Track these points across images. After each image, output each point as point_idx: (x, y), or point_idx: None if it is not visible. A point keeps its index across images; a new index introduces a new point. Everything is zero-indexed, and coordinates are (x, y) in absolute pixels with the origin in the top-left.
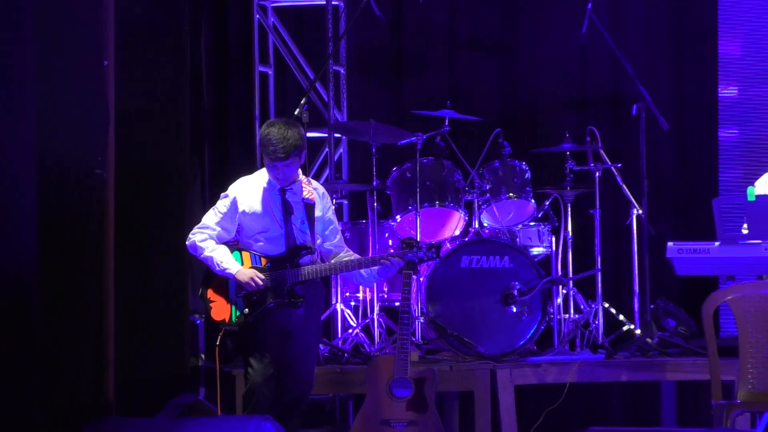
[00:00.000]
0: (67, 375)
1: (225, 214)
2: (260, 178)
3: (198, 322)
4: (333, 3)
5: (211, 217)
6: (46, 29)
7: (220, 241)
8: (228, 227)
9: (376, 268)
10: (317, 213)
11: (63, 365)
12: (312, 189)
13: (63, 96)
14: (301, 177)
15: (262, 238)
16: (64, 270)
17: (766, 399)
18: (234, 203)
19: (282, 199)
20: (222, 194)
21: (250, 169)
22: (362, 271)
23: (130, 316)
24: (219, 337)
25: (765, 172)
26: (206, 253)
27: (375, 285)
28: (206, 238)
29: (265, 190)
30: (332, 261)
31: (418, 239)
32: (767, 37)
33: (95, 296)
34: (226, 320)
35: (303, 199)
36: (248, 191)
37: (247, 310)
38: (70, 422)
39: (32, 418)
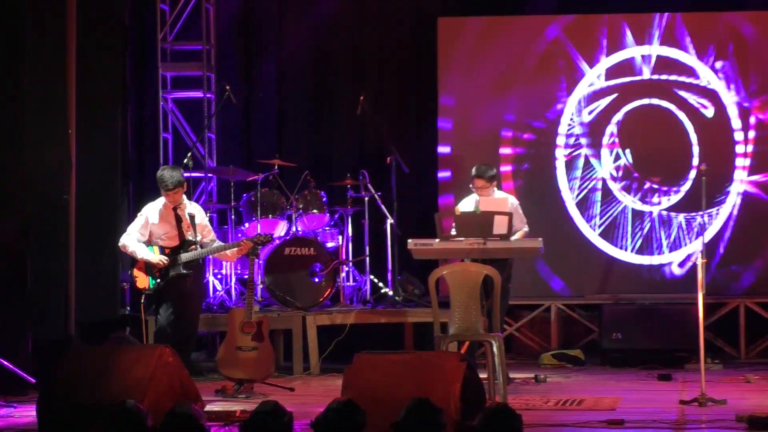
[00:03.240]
0: (46, 318)
1: (140, 225)
2: (160, 201)
3: (126, 288)
4: (207, 96)
5: (132, 227)
6: (37, 109)
7: (139, 241)
8: (143, 233)
9: (234, 249)
10: (197, 221)
11: (44, 312)
12: (193, 206)
13: (44, 150)
14: (185, 200)
15: (164, 237)
16: (45, 252)
17: (466, 334)
18: (145, 219)
19: (175, 213)
20: (138, 213)
21: (156, 196)
22: (228, 252)
23: (85, 284)
24: (143, 297)
25: (465, 198)
26: (130, 249)
27: (232, 264)
28: (130, 240)
29: (163, 209)
30: (208, 247)
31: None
32: (473, 113)
33: (64, 271)
34: (146, 288)
35: (187, 213)
36: (153, 210)
37: (159, 280)
38: (48, 347)
39: (25, 342)
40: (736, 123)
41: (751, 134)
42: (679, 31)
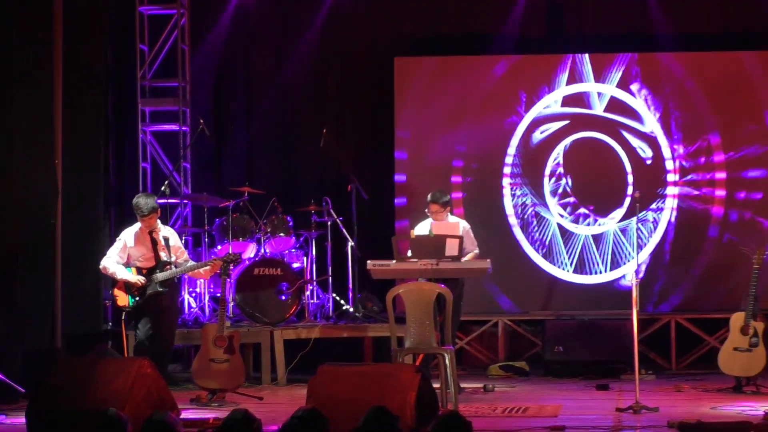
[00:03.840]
0: (35, 332)
1: (119, 249)
2: (136, 226)
3: (108, 304)
4: (182, 129)
5: (112, 251)
6: (26, 140)
7: (118, 263)
8: (121, 256)
9: (207, 268)
10: (171, 243)
11: (33, 326)
12: (167, 230)
13: (33, 178)
14: (160, 224)
15: (141, 259)
16: (34, 273)
17: (421, 347)
18: (123, 243)
19: (150, 237)
20: (117, 238)
21: (135, 221)
22: (200, 271)
23: (70, 301)
24: (123, 314)
25: (420, 222)
26: (110, 271)
27: (206, 281)
28: (110, 263)
29: (140, 233)
30: (181, 267)
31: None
32: (427, 145)
33: (51, 288)
34: (126, 305)
35: (162, 236)
36: (130, 235)
37: (137, 298)
38: (36, 359)
39: (15, 354)
40: (669, 164)
41: (678, 177)
42: (632, 77)
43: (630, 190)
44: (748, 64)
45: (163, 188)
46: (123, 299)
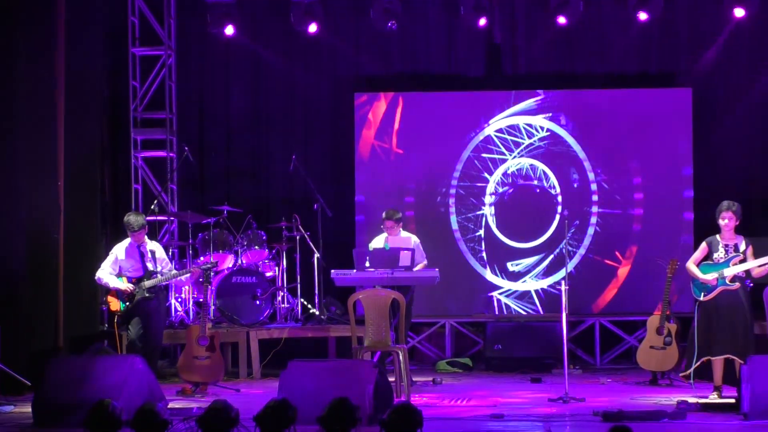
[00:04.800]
0: (40, 333)
1: (111, 262)
2: (127, 241)
3: (104, 309)
4: (170, 155)
5: (105, 263)
6: (31, 164)
7: (111, 274)
8: (114, 267)
9: (187, 275)
10: (157, 255)
11: (38, 328)
12: (153, 244)
13: (38, 198)
14: (147, 240)
15: (131, 269)
16: (39, 280)
17: (378, 345)
18: (115, 256)
19: (139, 250)
20: (110, 252)
21: (125, 236)
22: (182, 278)
23: (71, 305)
24: (116, 317)
25: (376, 237)
26: (104, 281)
27: (189, 287)
28: (104, 274)
29: (129, 247)
30: (166, 275)
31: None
32: (383, 169)
33: (54, 295)
34: (118, 310)
35: (149, 249)
36: (120, 249)
37: (128, 303)
38: (41, 356)
39: (22, 352)
40: (593, 186)
41: (599, 197)
42: (561, 111)
43: (559, 209)
44: (660, 99)
45: (152, 207)
46: (115, 304)
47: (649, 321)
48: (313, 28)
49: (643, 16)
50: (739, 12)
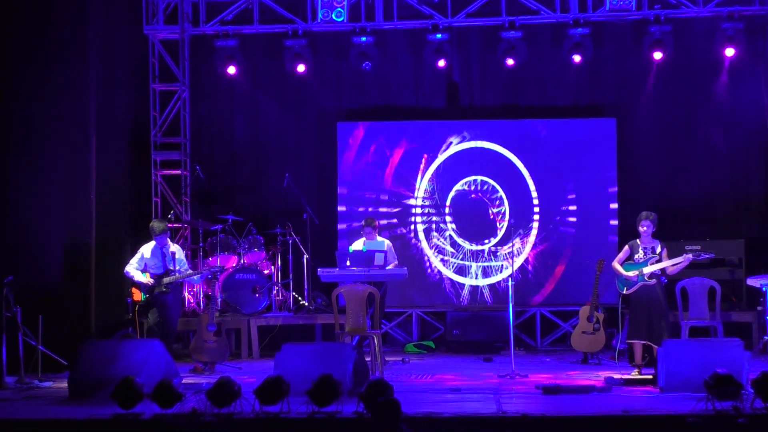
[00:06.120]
0: (75, 321)
1: (138, 259)
2: (152, 243)
3: (129, 300)
4: (184, 173)
5: (133, 260)
6: (69, 181)
7: (137, 270)
8: (140, 264)
9: (199, 276)
10: (177, 256)
11: (74, 317)
12: (174, 246)
13: (74, 209)
14: (170, 242)
15: (154, 267)
16: (75, 277)
17: (356, 331)
18: (141, 255)
19: (161, 251)
20: (138, 250)
21: (150, 240)
22: (194, 278)
23: (101, 299)
24: (137, 306)
25: (356, 241)
26: (131, 274)
27: (201, 284)
28: (131, 269)
29: (154, 248)
30: (182, 274)
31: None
32: (362, 184)
33: (87, 289)
34: (140, 300)
35: (171, 251)
36: (147, 249)
37: (147, 295)
38: (76, 340)
39: (58, 339)
40: (536, 201)
41: (540, 209)
42: (509, 137)
43: (507, 217)
44: (590, 127)
45: (169, 216)
46: (137, 295)
47: (582, 311)
48: (301, 68)
49: (577, 58)
50: (657, 54)
